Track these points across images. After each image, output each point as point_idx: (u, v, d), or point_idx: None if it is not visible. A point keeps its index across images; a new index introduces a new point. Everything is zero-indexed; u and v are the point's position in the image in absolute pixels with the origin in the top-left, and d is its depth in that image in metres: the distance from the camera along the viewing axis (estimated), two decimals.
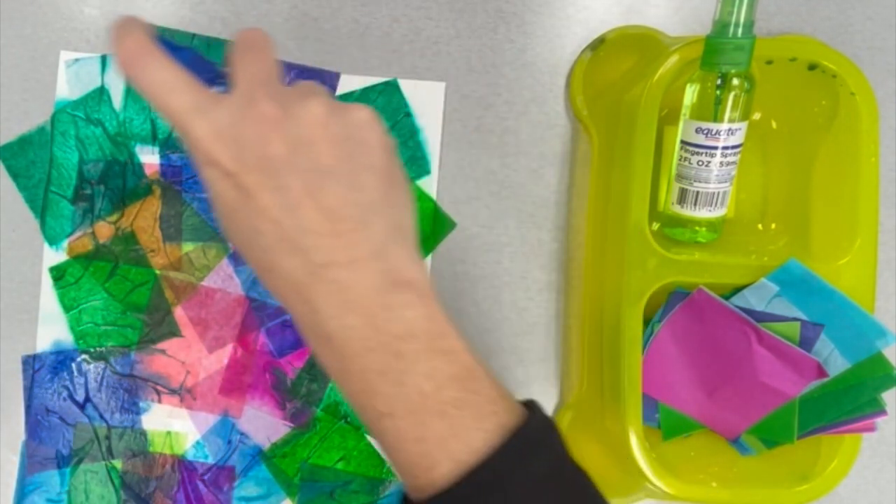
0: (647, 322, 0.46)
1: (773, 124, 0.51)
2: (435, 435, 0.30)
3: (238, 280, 0.52)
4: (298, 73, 0.52)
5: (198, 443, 0.52)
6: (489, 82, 0.53)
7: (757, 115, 0.51)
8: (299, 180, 0.30)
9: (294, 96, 0.32)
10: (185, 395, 0.52)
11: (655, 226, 0.50)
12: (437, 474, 0.30)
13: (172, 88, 0.31)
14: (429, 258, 0.52)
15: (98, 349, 0.52)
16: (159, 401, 0.52)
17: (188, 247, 0.52)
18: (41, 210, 0.51)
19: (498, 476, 0.30)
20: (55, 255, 0.51)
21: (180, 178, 0.52)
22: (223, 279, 0.52)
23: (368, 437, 0.52)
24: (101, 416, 0.51)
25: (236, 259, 0.52)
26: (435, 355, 0.31)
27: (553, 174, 0.53)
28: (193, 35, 0.51)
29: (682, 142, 0.46)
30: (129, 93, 0.51)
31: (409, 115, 0.52)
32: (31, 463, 0.51)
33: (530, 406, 0.33)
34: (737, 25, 0.42)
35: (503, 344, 0.53)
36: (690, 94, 0.45)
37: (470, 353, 0.32)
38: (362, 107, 0.33)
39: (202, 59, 0.34)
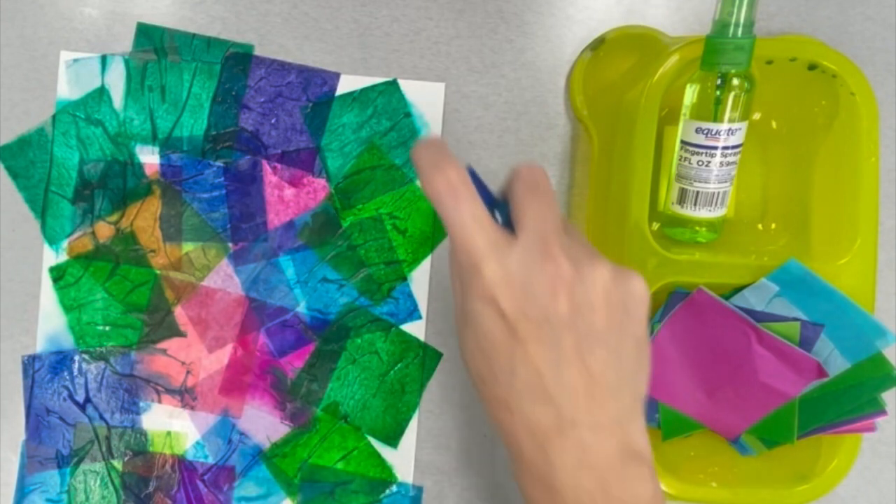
0: None
1: (773, 124, 0.51)
2: None
3: (238, 280, 0.52)
4: (298, 73, 0.52)
5: (198, 443, 0.52)
6: (489, 82, 0.53)
7: (757, 115, 0.51)
8: (572, 339, 0.31)
9: (583, 255, 0.32)
10: (185, 394, 0.52)
11: (655, 226, 0.50)
12: None
13: (478, 227, 0.32)
14: (429, 258, 0.52)
15: (98, 349, 0.52)
16: (159, 401, 0.52)
17: (188, 247, 0.52)
18: (41, 210, 0.51)
19: None
20: (55, 255, 0.51)
21: (180, 178, 0.52)
22: (223, 279, 0.52)
23: (369, 437, 0.52)
24: (101, 416, 0.51)
25: (236, 259, 0.52)
26: None
27: (553, 174, 0.53)
28: (193, 35, 0.52)
29: (682, 142, 0.46)
30: (129, 93, 0.51)
31: (409, 115, 0.52)
32: (31, 463, 0.51)
33: None
34: (737, 25, 0.42)
35: None
36: (690, 94, 0.45)
37: None
38: (639, 278, 0.33)
39: (480, 180, 0.34)
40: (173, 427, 0.52)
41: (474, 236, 0.32)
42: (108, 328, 0.52)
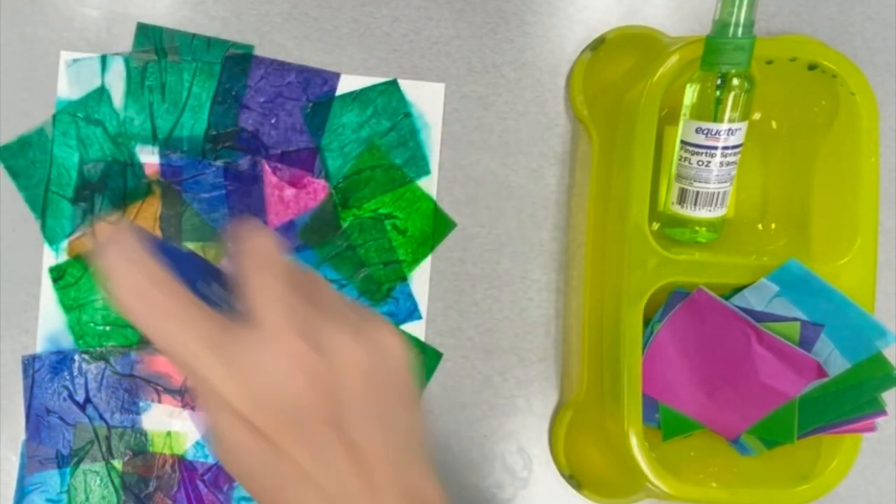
0: (647, 322, 0.46)
1: (773, 124, 0.51)
2: None
3: None
4: (298, 73, 0.52)
5: (198, 443, 0.52)
6: (489, 82, 0.53)
7: (757, 115, 0.51)
8: (331, 428, 0.28)
9: (322, 325, 0.28)
10: (185, 394, 0.52)
11: (655, 226, 0.50)
12: None
13: (184, 327, 0.27)
14: (429, 258, 0.52)
15: (98, 349, 0.52)
16: (159, 401, 0.52)
17: (188, 247, 0.52)
18: (41, 210, 0.51)
19: None
20: (55, 255, 0.51)
21: (180, 178, 0.52)
22: None
23: None
24: (101, 416, 0.51)
25: None
26: None
27: (553, 174, 0.53)
28: (193, 35, 0.51)
29: (682, 142, 0.46)
30: (129, 93, 0.51)
31: (409, 115, 0.52)
32: (31, 463, 0.51)
33: None
34: (737, 25, 0.42)
35: (503, 344, 0.53)
36: (690, 94, 0.45)
37: None
38: (392, 332, 0.30)
39: (173, 249, 0.29)
40: (173, 427, 0.52)
41: (185, 340, 0.27)
42: (108, 328, 0.52)
